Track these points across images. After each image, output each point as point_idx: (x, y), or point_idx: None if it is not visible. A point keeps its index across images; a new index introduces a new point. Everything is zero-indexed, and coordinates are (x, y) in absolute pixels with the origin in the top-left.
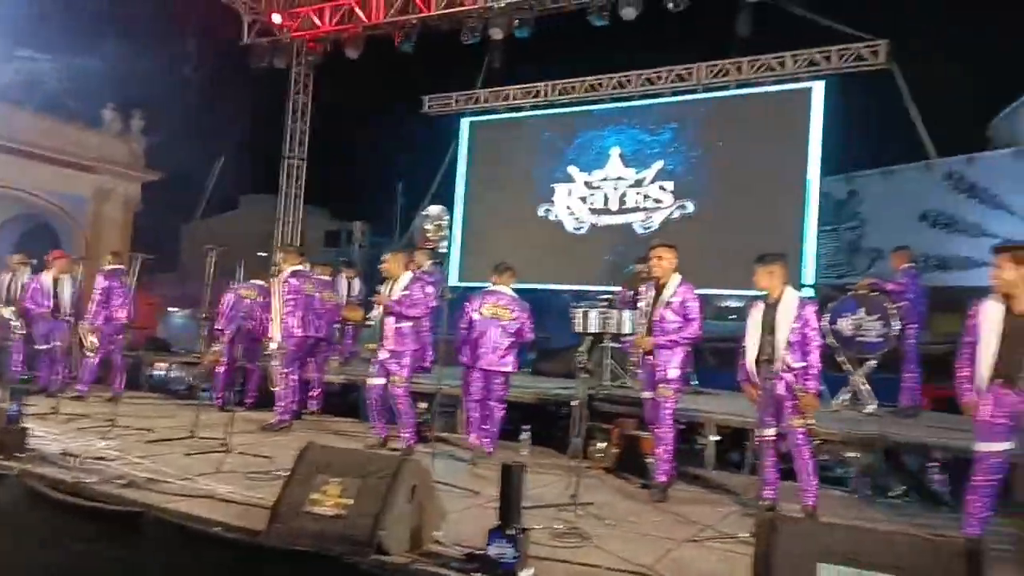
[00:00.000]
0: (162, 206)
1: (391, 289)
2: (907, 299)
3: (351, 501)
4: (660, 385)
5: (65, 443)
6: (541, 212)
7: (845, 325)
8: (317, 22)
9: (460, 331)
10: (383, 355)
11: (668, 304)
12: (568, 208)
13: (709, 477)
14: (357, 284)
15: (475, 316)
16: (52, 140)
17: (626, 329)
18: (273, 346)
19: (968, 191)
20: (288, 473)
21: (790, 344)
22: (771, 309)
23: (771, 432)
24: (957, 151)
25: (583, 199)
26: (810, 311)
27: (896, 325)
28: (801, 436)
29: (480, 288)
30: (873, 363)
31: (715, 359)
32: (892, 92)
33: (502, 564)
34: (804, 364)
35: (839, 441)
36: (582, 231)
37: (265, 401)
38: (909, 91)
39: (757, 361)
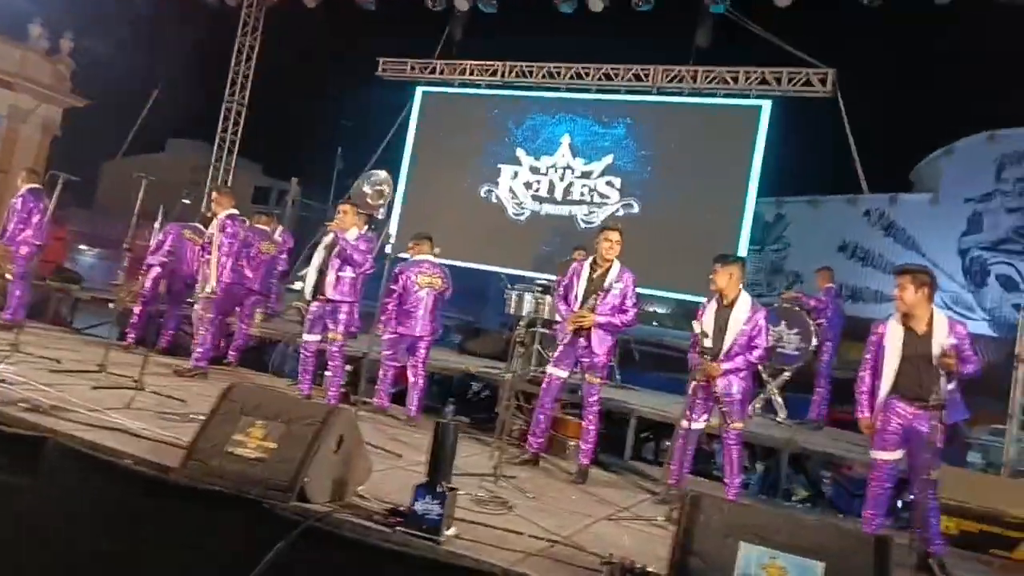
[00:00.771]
0: (83, 136)
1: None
2: (826, 317)
3: (275, 445)
4: (590, 371)
5: None
6: (483, 193)
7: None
8: None
9: (390, 299)
10: (316, 308)
11: (609, 290)
12: (511, 191)
13: (627, 465)
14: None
15: (412, 285)
16: None
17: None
18: (207, 290)
19: (887, 229)
20: (207, 415)
21: (736, 344)
22: (725, 310)
23: (698, 426)
24: (884, 188)
25: (527, 184)
26: (762, 317)
27: (814, 341)
28: (735, 436)
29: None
30: (787, 375)
31: (640, 359)
32: (833, 121)
33: (427, 520)
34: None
35: (751, 443)
36: (522, 218)
37: (178, 347)
38: (849, 124)
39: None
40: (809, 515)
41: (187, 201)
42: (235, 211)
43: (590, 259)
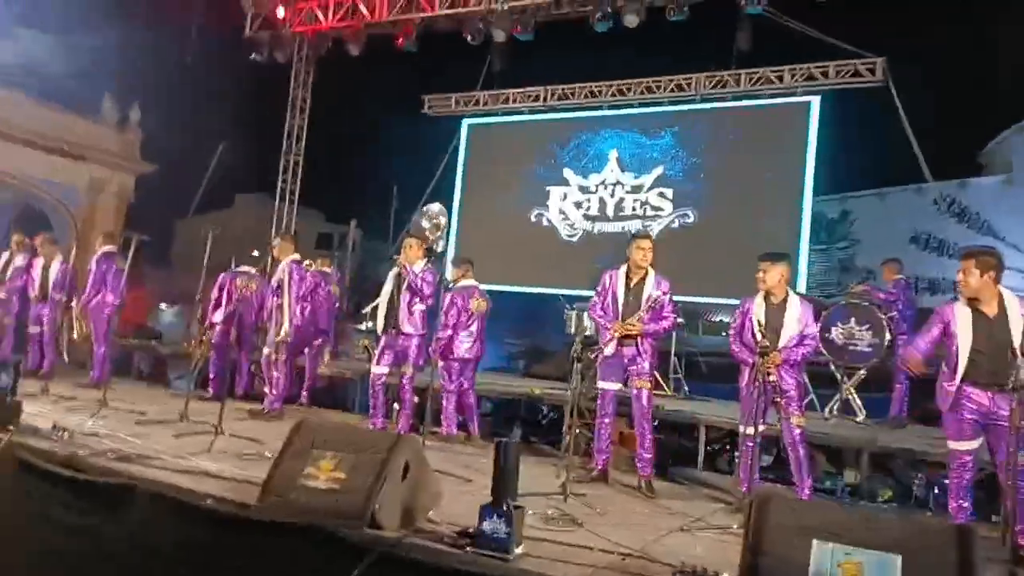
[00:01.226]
0: (156, 199)
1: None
2: (897, 310)
3: (344, 475)
4: (639, 378)
5: (56, 419)
6: (533, 217)
7: (837, 334)
8: (320, 17)
9: (446, 327)
10: (387, 340)
11: (656, 299)
12: (562, 213)
13: (699, 477)
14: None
15: (464, 311)
16: (49, 128)
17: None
18: (281, 334)
19: (959, 215)
20: (279, 451)
21: (791, 340)
22: (777, 309)
23: (761, 428)
24: (951, 175)
25: (578, 204)
26: (811, 313)
27: (887, 336)
28: (798, 433)
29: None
30: (862, 373)
31: (708, 371)
32: (888, 112)
33: (495, 539)
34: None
35: (829, 446)
36: (575, 238)
37: (254, 392)
38: (906, 112)
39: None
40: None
41: (256, 254)
42: (298, 256)
43: (622, 268)
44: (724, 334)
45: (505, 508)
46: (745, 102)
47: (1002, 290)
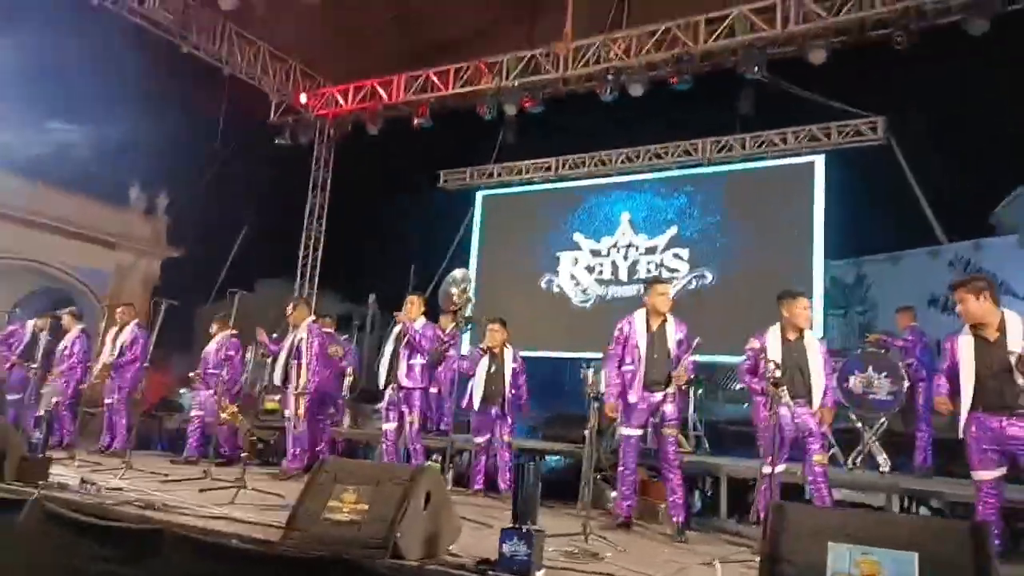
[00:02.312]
0: (180, 284)
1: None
2: (915, 357)
3: (366, 506)
4: (667, 425)
5: (84, 476)
6: (543, 284)
7: (855, 383)
8: (340, 101)
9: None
10: (389, 395)
11: (680, 342)
12: (573, 278)
13: (723, 526)
14: None
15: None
16: (79, 216)
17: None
18: (299, 387)
19: None
20: (304, 488)
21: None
22: (795, 344)
23: (780, 469)
24: (964, 235)
25: (589, 268)
26: (826, 351)
27: (905, 383)
28: (820, 471)
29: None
30: (884, 422)
31: (730, 439)
32: (895, 173)
33: (516, 562)
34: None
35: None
36: (588, 304)
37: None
38: (912, 173)
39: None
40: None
41: (275, 335)
42: (314, 317)
43: (639, 314)
44: (746, 405)
45: (526, 531)
46: (753, 163)
47: (1004, 312)
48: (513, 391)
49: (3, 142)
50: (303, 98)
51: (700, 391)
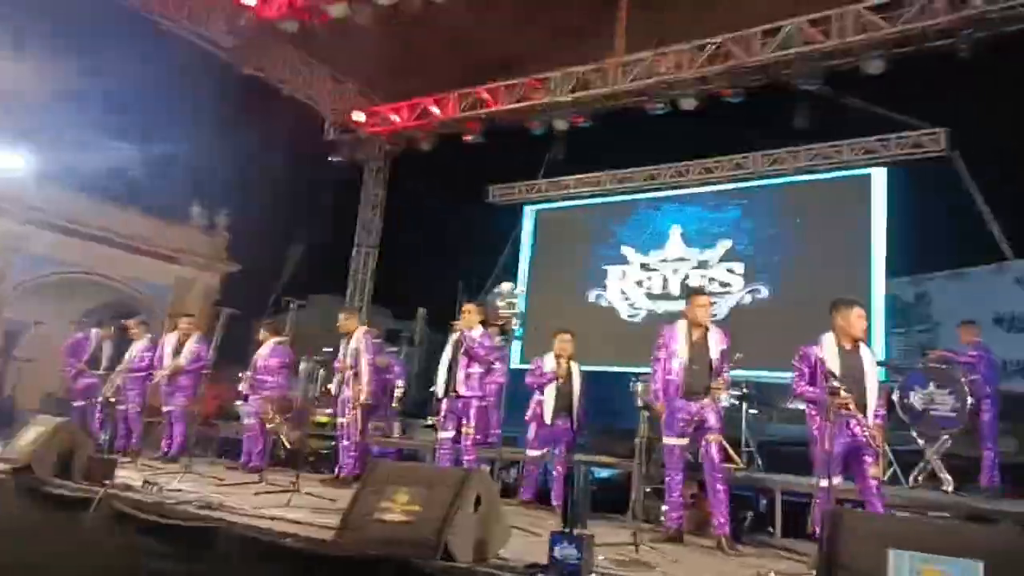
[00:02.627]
0: (238, 297)
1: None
2: (979, 373)
3: (419, 508)
4: (709, 432)
5: (147, 477)
6: (592, 298)
7: (916, 399)
8: (395, 119)
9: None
10: (448, 404)
11: (722, 350)
12: (622, 293)
13: (776, 543)
14: None
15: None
16: (143, 232)
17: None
18: (362, 399)
19: None
20: (357, 489)
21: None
22: (851, 355)
23: (837, 481)
24: None
25: (638, 283)
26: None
27: (969, 400)
28: (875, 484)
29: None
30: (947, 440)
31: (786, 462)
32: (959, 189)
33: (567, 566)
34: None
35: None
36: (637, 319)
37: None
38: (976, 186)
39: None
40: None
41: (328, 349)
42: (366, 326)
43: (681, 324)
44: (799, 423)
45: (576, 535)
46: (807, 176)
47: None
48: (581, 404)
49: (74, 163)
50: (358, 116)
51: (751, 409)
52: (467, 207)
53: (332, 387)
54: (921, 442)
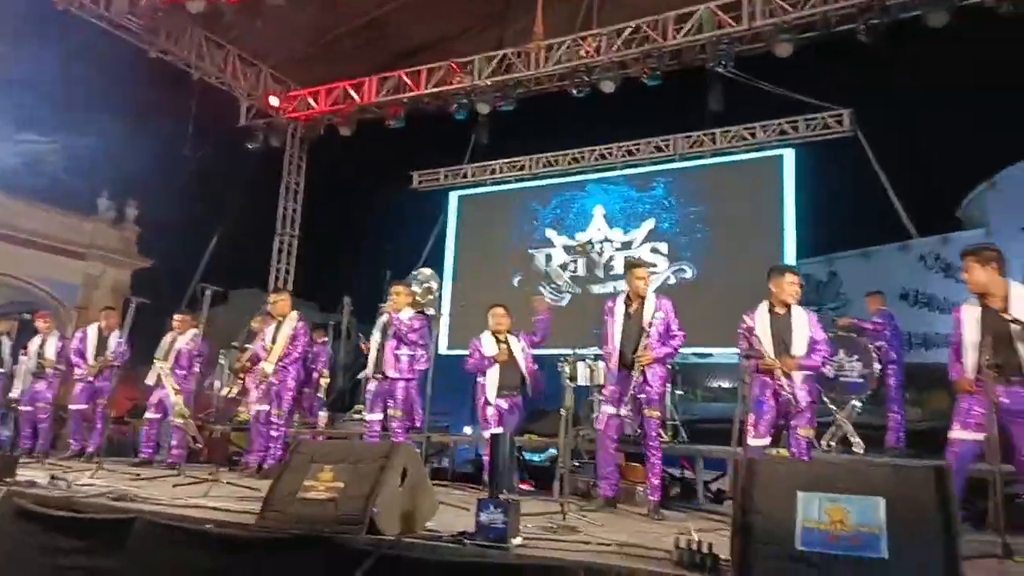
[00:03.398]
0: (150, 293)
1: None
2: (885, 339)
3: (343, 484)
4: (648, 406)
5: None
6: (516, 282)
7: (827, 367)
8: (312, 104)
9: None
10: (374, 386)
11: (653, 321)
12: (547, 276)
13: (701, 507)
14: None
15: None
16: (48, 228)
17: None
18: (263, 373)
19: (945, 270)
20: (279, 469)
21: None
22: (783, 320)
23: (762, 443)
24: (932, 231)
25: (563, 266)
26: (819, 324)
27: (876, 365)
28: (806, 444)
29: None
30: (856, 404)
31: (709, 438)
32: (866, 170)
33: (493, 530)
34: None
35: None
36: (563, 302)
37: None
38: (881, 167)
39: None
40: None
41: (248, 346)
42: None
43: (622, 296)
44: (722, 402)
45: (502, 500)
46: (725, 157)
47: (1009, 283)
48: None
49: None
50: (274, 101)
51: (676, 390)
52: (392, 194)
53: (254, 376)
54: (833, 408)
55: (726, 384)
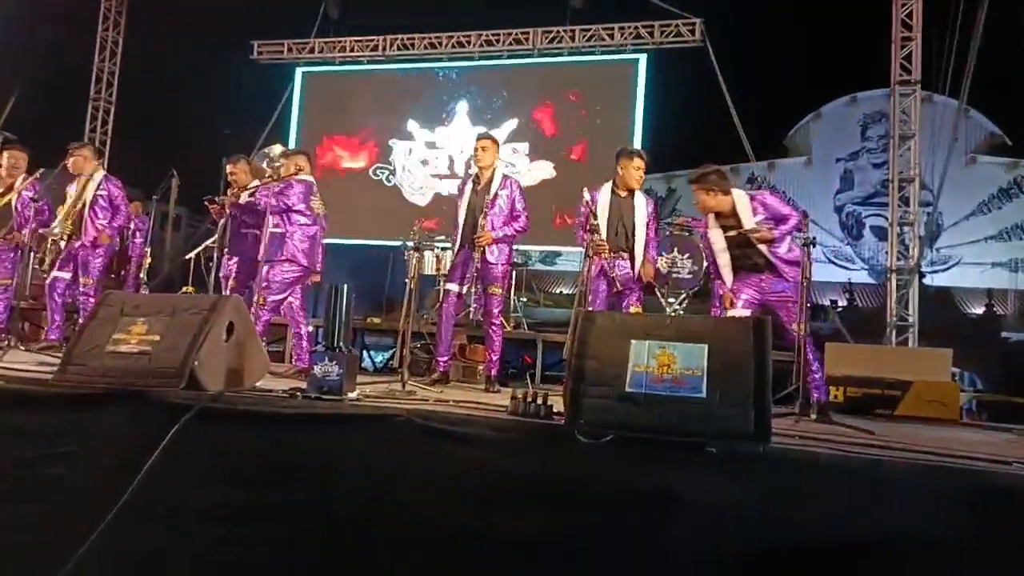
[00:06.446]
0: None
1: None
2: None
3: (158, 337)
4: (491, 284)
5: None
6: (374, 174)
7: (661, 263)
8: None
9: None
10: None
11: (496, 198)
12: (406, 170)
13: (539, 388)
14: None
15: None
16: None
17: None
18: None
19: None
20: (84, 323)
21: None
22: (624, 203)
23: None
24: (765, 156)
25: (424, 162)
26: (654, 212)
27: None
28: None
29: None
30: (686, 297)
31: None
32: (713, 88)
33: (327, 382)
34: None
35: None
36: (423, 201)
37: None
38: (728, 88)
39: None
40: None
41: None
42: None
43: (472, 173)
44: (567, 308)
45: (337, 350)
46: (586, 57)
47: (733, 195)
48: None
49: None
50: None
51: (521, 298)
52: (228, 64)
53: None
54: (664, 301)
55: (568, 291)
